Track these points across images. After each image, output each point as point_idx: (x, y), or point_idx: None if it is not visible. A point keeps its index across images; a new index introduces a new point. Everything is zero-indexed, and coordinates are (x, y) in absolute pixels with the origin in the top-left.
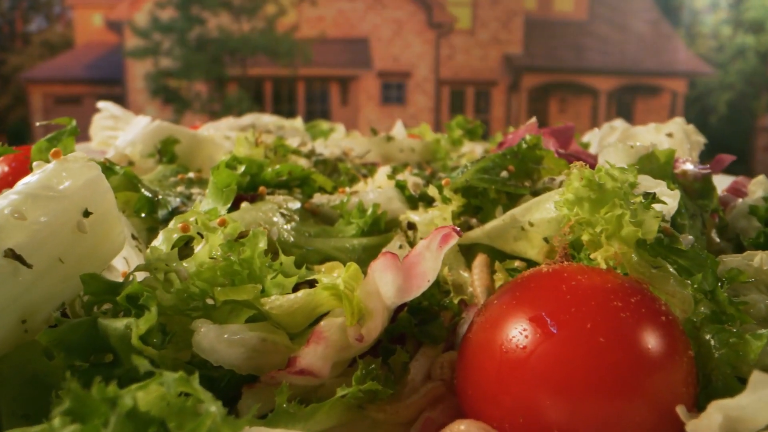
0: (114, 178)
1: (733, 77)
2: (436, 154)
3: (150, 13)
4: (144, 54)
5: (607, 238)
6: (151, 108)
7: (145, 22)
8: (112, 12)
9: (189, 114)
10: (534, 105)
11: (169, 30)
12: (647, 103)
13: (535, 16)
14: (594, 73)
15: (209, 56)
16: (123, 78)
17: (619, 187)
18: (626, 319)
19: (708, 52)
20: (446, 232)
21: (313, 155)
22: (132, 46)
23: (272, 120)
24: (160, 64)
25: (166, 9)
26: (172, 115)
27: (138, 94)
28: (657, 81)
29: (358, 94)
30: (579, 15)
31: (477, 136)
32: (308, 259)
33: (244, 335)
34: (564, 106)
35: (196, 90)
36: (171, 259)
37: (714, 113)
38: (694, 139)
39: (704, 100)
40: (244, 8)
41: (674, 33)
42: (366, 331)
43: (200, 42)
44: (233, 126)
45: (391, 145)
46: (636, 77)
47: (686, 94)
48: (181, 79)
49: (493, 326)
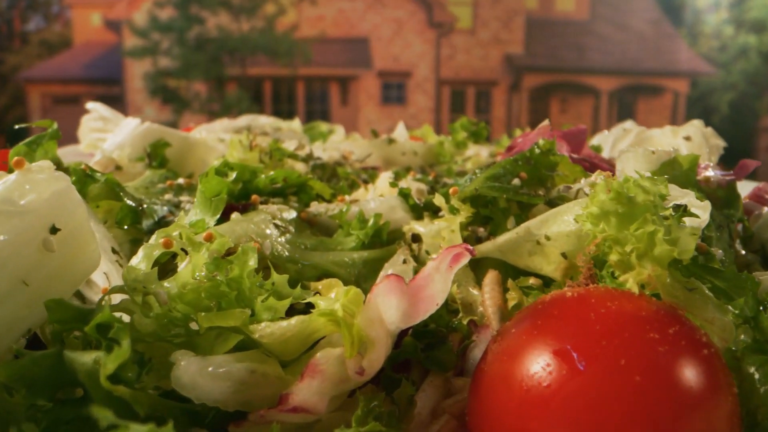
0: (94, 186)
1: (736, 77)
2: (439, 157)
3: (149, 13)
4: (143, 54)
5: (638, 257)
6: (150, 108)
7: (144, 21)
8: (111, 11)
9: (188, 114)
10: (535, 105)
11: (168, 29)
12: (649, 104)
13: (537, 15)
14: (595, 73)
15: (208, 56)
16: (122, 78)
17: (651, 200)
18: (664, 353)
19: (710, 51)
20: (458, 252)
21: (310, 159)
22: (131, 45)
23: (269, 121)
24: (158, 63)
25: (165, 8)
26: (171, 115)
27: (137, 93)
28: (659, 81)
29: (358, 94)
30: (580, 14)
31: (482, 138)
32: (304, 275)
33: (230, 368)
34: (565, 107)
35: (195, 90)
36: (149, 280)
37: (716, 113)
38: (713, 142)
39: (706, 100)
40: (243, 8)
41: (676, 33)
42: (367, 362)
43: (199, 41)
44: (228, 128)
45: (393, 148)
46: (638, 77)
47: (688, 94)
48: (180, 79)
49: (511, 358)
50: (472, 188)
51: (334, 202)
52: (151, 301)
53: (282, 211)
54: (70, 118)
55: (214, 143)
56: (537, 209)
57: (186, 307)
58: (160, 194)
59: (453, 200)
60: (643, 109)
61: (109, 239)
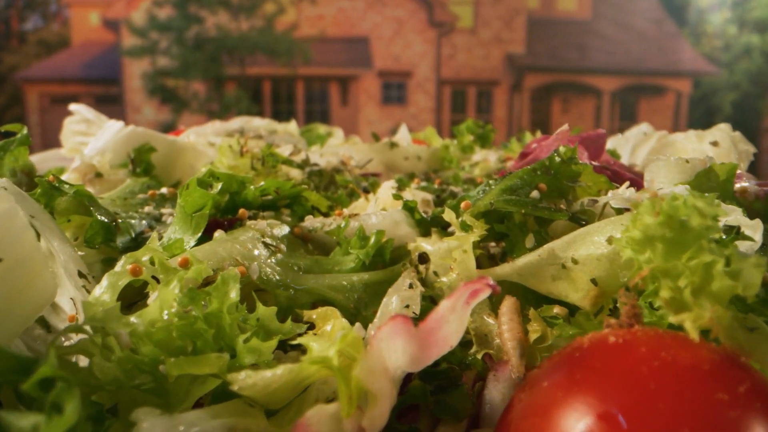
0: (62, 199)
1: (739, 77)
2: (444, 162)
3: (147, 12)
4: (141, 53)
5: (693, 294)
6: (149, 107)
7: (143, 20)
8: (109, 10)
9: (187, 114)
10: (536, 105)
11: (167, 29)
12: (651, 103)
13: (538, 14)
14: (597, 72)
15: (207, 55)
16: (120, 77)
17: (708, 225)
18: (737, 419)
19: (713, 51)
20: (476, 288)
21: (307, 165)
22: (129, 45)
23: (264, 123)
24: (157, 63)
25: (163, 7)
26: (170, 114)
27: (135, 93)
28: (661, 81)
29: (358, 94)
30: (582, 14)
31: (489, 142)
32: (297, 302)
33: (203, 427)
34: (567, 107)
35: (194, 89)
36: (111, 317)
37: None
38: (742, 148)
39: (709, 100)
40: (242, 7)
41: (679, 32)
42: (368, 421)
43: (198, 41)
44: (220, 131)
45: (395, 152)
46: (640, 77)
47: (691, 94)
48: (178, 79)
49: (544, 418)
50: (487, 202)
51: (331, 216)
52: (112, 342)
53: (273, 227)
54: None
55: (204, 148)
56: (557, 225)
57: (154, 349)
58: (140, 206)
59: (465, 215)
60: (645, 109)
61: (76, 260)
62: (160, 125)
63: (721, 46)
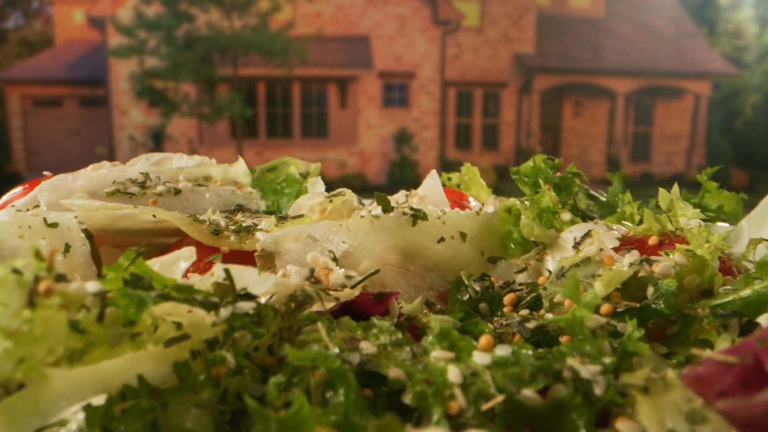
0: None
1: (760, 78)
2: (508, 243)
3: (134, 9)
4: (128, 53)
5: None
6: (136, 111)
7: (130, 18)
8: (94, 8)
9: (176, 117)
10: (547, 108)
11: (155, 27)
12: (668, 106)
13: (549, 12)
14: (611, 73)
15: (198, 55)
16: (106, 78)
17: None
18: None
19: (733, 51)
20: None
21: (226, 302)
22: (115, 44)
23: (190, 165)
24: (145, 63)
25: (151, 5)
26: (159, 118)
27: (122, 95)
28: (678, 82)
29: (358, 96)
30: (595, 12)
31: (570, 193)
32: None
33: None
34: (579, 110)
35: (184, 91)
36: None
37: (740, 117)
38: None
39: (729, 102)
40: (235, 4)
41: (697, 31)
42: None
43: (188, 40)
44: (109, 179)
45: (420, 231)
46: (656, 78)
47: (710, 96)
48: (167, 80)
49: None
50: None
51: None
52: None
53: None
54: (52, 121)
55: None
56: None
57: None
58: None
59: None
60: (661, 113)
61: None
62: (148, 129)
63: (742, 46)
